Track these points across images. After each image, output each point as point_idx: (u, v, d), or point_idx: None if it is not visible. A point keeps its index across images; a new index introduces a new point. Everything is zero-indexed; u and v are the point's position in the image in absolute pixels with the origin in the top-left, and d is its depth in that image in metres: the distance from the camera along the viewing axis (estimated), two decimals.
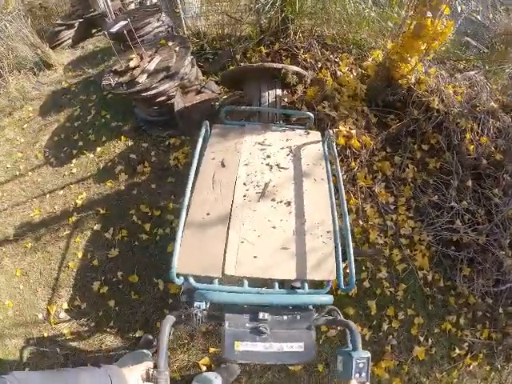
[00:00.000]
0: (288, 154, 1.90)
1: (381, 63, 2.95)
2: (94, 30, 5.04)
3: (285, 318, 1.29)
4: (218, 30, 3.81)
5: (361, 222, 2.58)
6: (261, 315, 1.25)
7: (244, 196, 1.68)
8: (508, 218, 2.59)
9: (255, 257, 1.45)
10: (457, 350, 2.34)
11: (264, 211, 1.62)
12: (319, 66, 3.31)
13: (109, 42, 4.63)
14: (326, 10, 3.36)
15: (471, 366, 2.35)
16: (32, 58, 4.45)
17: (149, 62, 2.91)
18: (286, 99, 3.00)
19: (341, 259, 1.45)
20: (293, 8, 3.19)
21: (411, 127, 2.93)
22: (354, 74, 3.26)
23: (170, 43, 3.14)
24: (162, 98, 2.90)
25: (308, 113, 2.16)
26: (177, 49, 3.05)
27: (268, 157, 1.88)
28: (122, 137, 3.20)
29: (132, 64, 2.91)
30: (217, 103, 3.11)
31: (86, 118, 3.60)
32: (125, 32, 2.88)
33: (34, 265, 2.74)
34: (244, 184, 1.73)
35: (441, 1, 2.37)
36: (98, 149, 3.23)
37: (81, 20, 4.84)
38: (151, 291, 2.39)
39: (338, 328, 2.07)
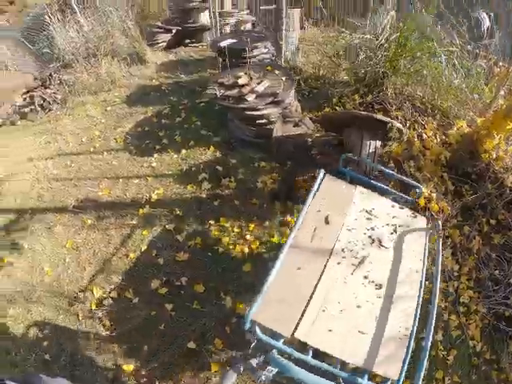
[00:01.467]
0: (392, 233, 1.84)
1: (467, 135, 3.00)
2: (187, 40, 5.33)
3: None
4: (315, 70, 3.98)
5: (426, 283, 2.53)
6: None
7: (338, 263, 1.64)
8: None
9: (330, 330, 1.42)
10: None
11: (354, 286, 1.57)
12: (407, 125, 3.37)
13: (202, 55, 4.92)
14: (420, 73, 3.48)
15: None
16: (127, 49, 4.71)
17: (257, 83, 3.02)
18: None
19: (407, 362, 1.37)
20: (391, 65, 3.34)
21: (484, 200, 2.92)
22: (438, 139, 3.30)
23: (277, 71, 3.28)
24: (263, 121, 3.00)
25: (418, 184, 2.14)
26: (283, 78, 3.18)
27: (372, 229, 1.83)
28: (212, 147, 3.25)
29: (241, 81, 3.03)
30: (309, 139, 3.15)
31: (174, 119, 3.69)
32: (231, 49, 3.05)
33: (90, 242, 2.70)
34: (342, 250, 1.69)
35: None
36: (183, 151, 3.28)
37: (179, 28, 5.15)
38: (216, 306, 2.28)
39: None
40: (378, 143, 2.76)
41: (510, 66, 2.79)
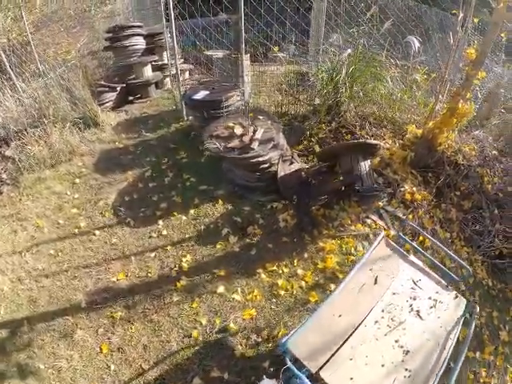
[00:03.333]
0: (431, 307, 1.92)
1: (423, 135, 3.66)
2: (131, 97, 5.13)
3: None
4: (278, 108, 4.28)
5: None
6: None
7: (376, 321, 1.75)
8: None
9: (351, 379, 1.53)
10: None
11: (383, 346, 1.68)
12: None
13: (156, 110, 4.81)
14: (367, 94, 4.09)
15: None
16: (76, 113, 4.35)
17: (254, 131, 3.15)
18: None
19: None
20: (347, 93, 3.87)
21: (447, 180, 3.66)
22: (397, 144, 3.89)
23: (260, 116, 3.46)
24: (266, 165, 3.12)
25: (467, 266, 2.17)
26: (269, 122, 3.38)
27: (414, 298, 1.92)
28: (219, 200, 3.20)
29: (238, 132, 3.11)
30: (303, 173, 3.38)
31: (162, 180, 3.53)
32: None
33: (133, 337, 2.39)
34: (382, 311, 1.81)
35: (468, 90, 3.24)
36: (191, 211, 3.15)
37: (123, 85, 4.96)
38: None
39: None
40: (368, 162, 3.14)
41: (443, 75, 3.53)
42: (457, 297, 2.05)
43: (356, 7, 4.16)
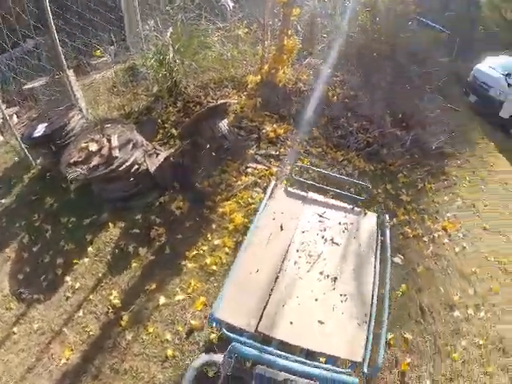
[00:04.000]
0: (343, 231, 1.97)
1: (262, 80, 4.05)
2: None
3: None
4: (121, 110, 4.14)
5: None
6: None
7: (295, 263, 1.76)
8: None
9: (291, 323, 1.53)
10: None
11: (310, 281, 1.69)
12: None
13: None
14: (200, 63, 4.22)
15: None
16: None
17: (108, 140, 3.04)
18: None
19: (370, 344, 1.46)
20: (181, 70, 3.95)
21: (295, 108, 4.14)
22: (243, 97, 4.21)
23: (107, 125, 3.33)
24: (135, 167, 3.07)
25: (366, 184, 2.39)
26: (119, 126, 3.29)
27: (324, 229, 1.95)
28: (109, 223, 3.06)
29: (93, 148, 2.98)
30: (171, 158, 3.41)
31: (44, 238, 3.17)
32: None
33: None
34: (297, 251, 1.82)
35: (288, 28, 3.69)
36: (90, 249, 2.96)
37: None
38: None
39: None
40: (225, 121, 3.36)
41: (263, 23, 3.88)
42: (366, 213, 2.11)
43: None
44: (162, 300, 2.58)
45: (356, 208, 2.14)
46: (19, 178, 3.90)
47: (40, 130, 3.34)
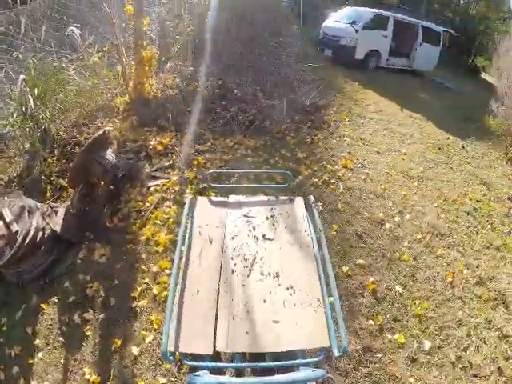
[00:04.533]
0: (273, 224, 1.91)
1: (131, 98, 4.11)
2: None
3: None
4: None
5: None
6: None
7: (232, 271, 1.69)
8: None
9: (247, 332, 1.46)
10: None
11: (253, 285, 1.62)
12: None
13: None
14: (64, 102, 4.03)
15: None
16: None
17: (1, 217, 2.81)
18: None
19: (332, 325, 1.45)
20: (46, 115, 3.71)
21: (169, 114, 4.18)
22: (117, 121, 4.16)
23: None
24: (40, 233, 2.87)
25: (285, 171, 2.29)
26: (4, 197, 3.04)
27: (254, 229, 1.88)
28: (42, 305, 2.78)
29: None
30: (71, 210, 3.23)
31: None
32: None
33: None
34: (231, 258, 1.74)
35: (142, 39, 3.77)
36: (37, 341, 2.64)
37: None
38: None
39: None
40: (109, 150, 3.33)
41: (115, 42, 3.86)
42: (292, 199, 2.07)
43: None
44: (135, 350, 2.51)
45: (281, 197, 2.10)
46: None
47: None
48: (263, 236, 1.85)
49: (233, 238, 1.84)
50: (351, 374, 2.33)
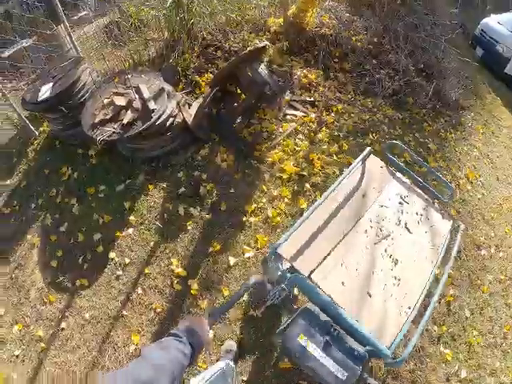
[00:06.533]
0: (419, 222, 1.92)
1: (287, 22, 3.77)
2: None
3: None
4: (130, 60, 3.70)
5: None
6: (332, 330, 1.32)
7: (365, 230, 1.74)
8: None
9: (343, 283, 1.53)
10: None
11: (373, 254, 1.68)
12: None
13: None
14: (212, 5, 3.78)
15: None
16: None
17: (137, 91, 2.73)
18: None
19: (400, 337, 1.45)
20: (195, 11, 3.53)
21: (323, 53, 3.93)
22: (265, 40, 3.85)
23: (127, 76, 2.97)
24: (172, 119, 2.79)
25: (450, 185, 2.19)
26: (142, 76, 2.97)
27: (401, 212, 1.90)
28: (149, 185, 2.78)
29: (121, 102, 2.66)
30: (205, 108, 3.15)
31: (71, 214, 2.78)
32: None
33: None
34: (370, 221, 1.78)
35: None
36: (131, 218, 2.66)
37: None
38: None
39: None
40: (263, 65, 3.11)
41: None
42: (443, 214, 2.06)
43: None
44: (232, 260, 2.43)
45: (436, 205, 2.08)
46: (21, 152, 3.41)
47: (45, 91, 2.87)
48: (406, 224, 1.85)
49: (381, 206, 1.86)
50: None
